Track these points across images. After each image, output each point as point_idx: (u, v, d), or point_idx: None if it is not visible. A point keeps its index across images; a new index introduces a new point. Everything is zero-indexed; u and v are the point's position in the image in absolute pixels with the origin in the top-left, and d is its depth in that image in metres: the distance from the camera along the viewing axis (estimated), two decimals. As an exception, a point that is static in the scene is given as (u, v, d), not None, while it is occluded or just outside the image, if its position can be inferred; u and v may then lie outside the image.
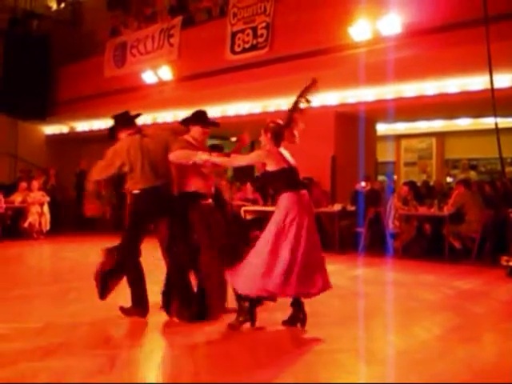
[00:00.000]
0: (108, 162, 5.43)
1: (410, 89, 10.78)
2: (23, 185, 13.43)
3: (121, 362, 3.99)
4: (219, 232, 5.15)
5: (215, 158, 5.09)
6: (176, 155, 5.14)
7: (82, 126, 16.41)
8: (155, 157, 5.27)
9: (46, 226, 13.36)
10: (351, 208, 10.46)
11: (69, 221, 14.97)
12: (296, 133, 5.02)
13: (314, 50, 9.84)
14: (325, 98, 11.81)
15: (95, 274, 5.30)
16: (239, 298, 4.83)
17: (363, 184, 10.87)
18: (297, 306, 4.84)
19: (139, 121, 5.70)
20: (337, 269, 8.41)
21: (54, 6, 16.27)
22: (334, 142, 11.84)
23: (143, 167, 5.23)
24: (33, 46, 15.17)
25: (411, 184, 10.57)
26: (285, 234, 4.66)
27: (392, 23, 8.81)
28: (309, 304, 4.81)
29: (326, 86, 11.06)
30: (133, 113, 5.68)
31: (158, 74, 12.27)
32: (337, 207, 10.55)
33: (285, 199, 4.78)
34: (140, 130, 5.54)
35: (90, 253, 10.59)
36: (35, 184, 13.50)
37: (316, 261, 4.73)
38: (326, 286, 4.74)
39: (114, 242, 5.48)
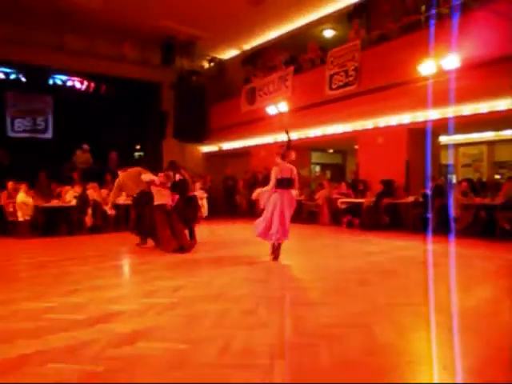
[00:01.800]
0: (116, 189, 8.18)
1: (467, 108, 10.01)
2: (189, 186, 14.07)
3: (249, 306, 4.00)
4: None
5: (264, 188, 6.45)
6: (144, 176, 7.62)
7: (227, 145, 16.90)
8: (134, 179, 7.84)
9: (205, 213, 13.84)
10: (421, 199, 9.94)
11: (219, 209, 15.48)
12: (293, 154, 6.38)
13: (392, 84, 9.50)
14: (400, 118, 11.30)
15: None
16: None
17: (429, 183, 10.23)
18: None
19: (266, 139, 6.06)
20: (412, 244, 8.04)
21: (206, 65, 16.85)
22: (407, 150, 11.28)
23: (131, 184, 7.89)
24: (193, 94, 15.81)
25: (469, 181, 9.84)
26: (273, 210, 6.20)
27: (452, 60, 8.29)
28: (395, 270, 4.61)
29: (400, 109, 10.67)
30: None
31: (277, 107, 12.37)
32: (410, 199, 10.08)
33: (275, 193, 6.25)
34: (126, 169, 8.19)
35: (234, 231, 10.94)
36: (197, 185, 13.98)
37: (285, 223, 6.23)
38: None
39: (248, 222, 5.76)
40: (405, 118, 11.22)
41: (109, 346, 3.07)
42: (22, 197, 9.94)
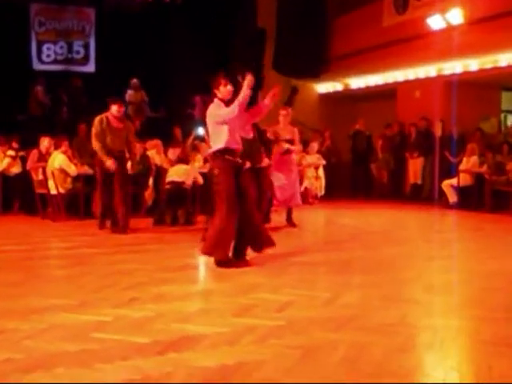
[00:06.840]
0: None
1: None
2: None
3: (421, 341, 3.95)
4: None
5: None
6: None
7: (357, 82, 16.63)
8: None
9: (321, 191, 13.79)
10: None
11: (343, 185, 15.34)
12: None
13: None
14: None
15: None
16: None
17: None
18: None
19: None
20: None
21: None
22: None
23: None
24: (306, 2, 15.60)
25: None
26: None
27: None
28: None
29: None
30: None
31: (446, 18, 11.81)
32: None
33: None
34: None
35: (372, 220, 10.74)
36: (314, 146, 13.87)
37: None
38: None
39: (391, 209, 5.58)
40: None
41: (187, 387, 3.15)
42: (60, 160, 10.36)
